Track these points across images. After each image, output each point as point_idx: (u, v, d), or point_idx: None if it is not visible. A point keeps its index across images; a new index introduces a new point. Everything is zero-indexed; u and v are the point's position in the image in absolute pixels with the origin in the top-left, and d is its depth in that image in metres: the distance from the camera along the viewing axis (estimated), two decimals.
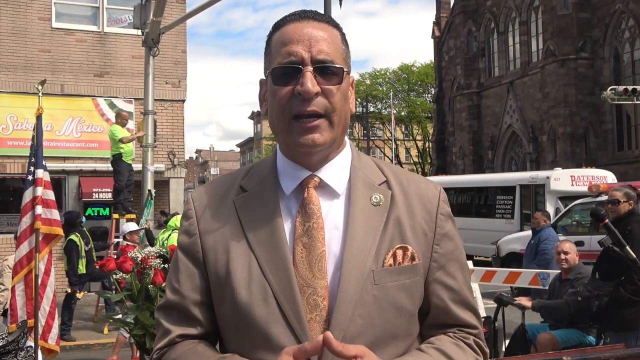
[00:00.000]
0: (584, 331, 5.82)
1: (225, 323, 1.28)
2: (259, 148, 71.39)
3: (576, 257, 6.18)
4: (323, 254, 1.24)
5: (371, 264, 1.23)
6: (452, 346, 1.28)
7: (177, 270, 1.33)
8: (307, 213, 1.26)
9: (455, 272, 1.33)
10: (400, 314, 1.24)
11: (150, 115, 10.55)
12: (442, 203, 1.35)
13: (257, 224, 1.27)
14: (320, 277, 1.22)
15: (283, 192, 1.31)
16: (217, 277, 1.27)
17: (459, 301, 1.32)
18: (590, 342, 5.72)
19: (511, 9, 33.50)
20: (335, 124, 1.26)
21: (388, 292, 1.23)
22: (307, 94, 1.22)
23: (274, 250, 1.24)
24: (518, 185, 16.62)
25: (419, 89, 50.38)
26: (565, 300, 5.77)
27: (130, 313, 3.66)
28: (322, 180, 1.30)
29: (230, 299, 1.24)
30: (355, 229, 1.25)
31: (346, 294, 1.21)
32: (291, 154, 1.31)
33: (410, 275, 1.26)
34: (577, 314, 5.68)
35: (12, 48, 13.77)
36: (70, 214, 10.46)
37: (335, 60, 1.26)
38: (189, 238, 1.33)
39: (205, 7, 9.93)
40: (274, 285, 1.22)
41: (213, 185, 1.39)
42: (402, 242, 1.27)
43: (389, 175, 1.35)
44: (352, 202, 1.28)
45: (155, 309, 1.37)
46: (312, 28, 1.27)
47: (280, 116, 1.26)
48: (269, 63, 1.31)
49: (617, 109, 27.26)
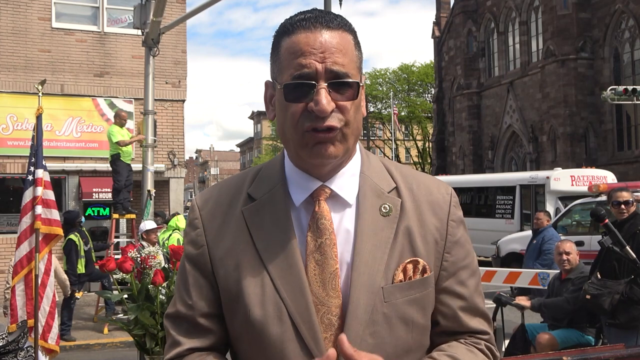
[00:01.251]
0: (583, 331, 5.84)
1: (238, 337, 1.27)
2: (259, 148, 71.39)
3: (577, 257, 6.19)
4: (337, 272, 1.22)
5: (381, 281, 1.22)
6: (464, 352, 1.27)
7: (186, 282, 1.31)
8: (319, 228, 1.24)
9: (466, 279, 1.31)
10: (412, 328, 1.24)
11: (150, 115, 10.56)
12: (453, 208, 1.33)
13: (269, 239, 1.25)
14: (334, 295, 1.21)
15: (293, 202, 1.28)
16: (229, 292, 1.26)
17: (468, 309, 1.31)
18: (589, 342, 5.75)
19: (511, 9, 33.50)
20: (349, 136, 1.23)
21: (398, 309, 1.22)
22: (323, 113, 1.18)
23: (287, 268, 1.22)
24: (518, 185, 16.62)
25: (419, 89, 50.36)
26: (566, 297, 5.79)
27: (130, 313, 3.66)
28: (333, 191, 1.27)
29: (243, 315, 1.23)
30: (364, 244, 1.23)
31: (356, 314, 1.20)
32: (302, 163, 1.27)
33: (421, 289, 1.25)
34: (577, 311, 5.71)
35: (12, 48, 13.77)
36: (70, 214, 10.45)
37: (350, 72, 1.22)
38: (197, 250, 1.30)
39: (205, 7, 9.93)
40: (289, 304, 1.20)
41: (218, 190, 1.36)
42: (413, 254, 1.25)
43: (398, 180, 1.32)
44: (360, 213, 1.26)
45: (164, 316, 1.36)
46: (325, 37, 1.21)
47: (292, 130, 1.22)
48: (278, 72, 1.25)
49: (617, 109, 27.26)
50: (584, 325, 5.86)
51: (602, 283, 5.17)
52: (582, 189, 14.23)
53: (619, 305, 5.00)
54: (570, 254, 6.14)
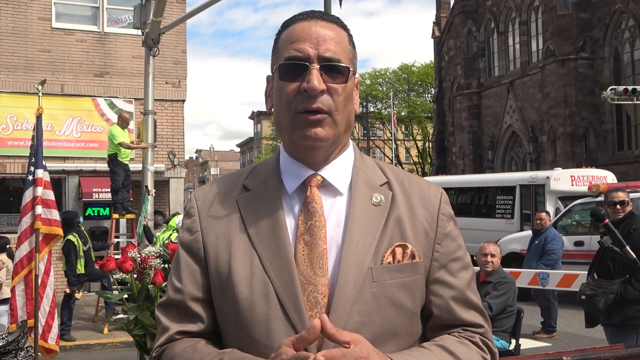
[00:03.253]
0: (497, 335, 5.88)
1: (226, 320, 1.28)
2: (259, 148, 71.39)
3: (499, 261, 6.29)
4: (324, 252, 1.24)
5: (370, 262, 1.24)
6: (456, 343, 1.27)
7: (178, 268, 1.33)
8: (310, 211, 1.27)
9: (458, 271, 1.32)
10: (400, 311, 1.24)
11: (150, 115, 10.57)
12: (443, 204, 1.35)
13: (259, 222, 1.28)
14: (321, 274, 1.23)
15: (286, 190, 1.32)
16: (219, 274, 1.27)
17: (461, 300, 1.31)
18: (504, 347, 5.86)
19: (511, 9, 33.50)
20: (339, 122, 1.27)
21: (386, 290, 1.23)
22: (313, 90, 1.23)
23: (276, 247, 1.25)
24: (518, 185, 16.61)
25: (419, 89, 50.36)
26: (488, 303, 5.84)
27: (130, 313, 3.66)
28: (325, 179, 1.31)
29: (231, 296, 1.24)
30: (355, 227, 1.26)
31: (344, 291, 1.21)
32: (295, 150, 1.32)
33: (410, 274, 1.26)
34: (496, 317, 5.83)
35: (12, 48, 13.78)
36: (68, 214, 10.43)
37: (342, 60, 1.28)
38: (191, 235, 1.33)
39: (205, 7, 9.93)
40: (275, 282, 1.22)
41: (216, 184, 1.40)
42: (402, 240, 1.27)
43: (390, 176, 1.36)
44: (352, 201, 1.29)
45: (156, 306, 1.37)
46: (320, 27, 1.29)
47: (285, 112, 1.28)
48: (275, 60, 1.33)
49: (617, 109, 27.26)
50: (498, 330, 5.91)
51: (597, 283, 5.20)
52: (582, 189, 14.24)
53: (613, 305, 5.02)
54: (494, 256, 6.19)
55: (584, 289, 5.28)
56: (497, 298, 5.90)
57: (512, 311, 6.06)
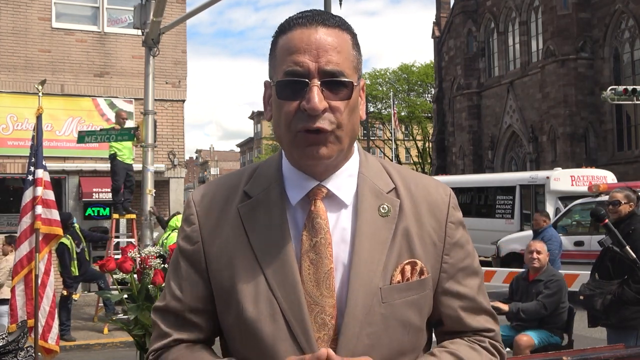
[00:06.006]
0: (552, 332, 6.01)
1: (231, 333, 1.26)
2: (259, 148, 71.39)
3: (547, 258, 6.24)
4: (331, 272, 1.21)
5: (379, 281, 1.21)
6: (467, 349, 1.27)
7: (178, 276, 1.30)
8: (315, 228, 1.23)
9: (466, 279, 1.31)
10: (408, 330, 1.23)
11: (150, 115, 10.55)
12: (451, 210, 1.31)
13: (264, 237, 1.24)
14: (328, 295, 1.20)
15: (289, 201, 1.27)
16: (222, 288, 1.25)
17: (471, 308, 1.30)
18: (557, 342, 5.98)
19: (511, 9, 33.50)
20: (342, 138, 1.21)
21: (395, 310, 1.21)
22: (314, 111, 1.16)
23: (281, 266, 1.21)
24: (518, 185, 16.62)
25: (419, 89, 50.36)
26: (542, 303, 5.89)
27: (130, 313, 3.66)
28: (330, 191, 1.26)
29: (235, 312, 1.22)
30: (362, 244, 1.22)
31: (354, 313, 1.19)
32: (297, 164, 1.27)
33: (419, 291, 1.24)
34: (550, 315, 5.90)
35: (12, 48, 13.77)
36: (62, 216, 10.42)
37: (345, 71, 1.20)
38: (192, 245, 1.29)
39: (205, 7, 9.92)
40: (282, 302, 1.19)
41: (215, 187, 1.35)
42: (411, 256, 1.24)
43: (397, 181, 1.31)
44: (359, 213, 1.25)
45: (152, 309, 1.35)
46: (321, 35, 1.20)
47: (285, 130, 1.21)
48: (273, 70, 1.25)
49: (617, 109, 27.25)
50: (553, 327, 6.03)
51: (596, 284, 5.22)
52: (582, 189, 14.23)
53: (610, 306, 5.03)
54: (541, 253, 6.17)
55: (583, 289, 5.31)
56: (550, 297, 5.92)
57: (564, 308, 6.09)
